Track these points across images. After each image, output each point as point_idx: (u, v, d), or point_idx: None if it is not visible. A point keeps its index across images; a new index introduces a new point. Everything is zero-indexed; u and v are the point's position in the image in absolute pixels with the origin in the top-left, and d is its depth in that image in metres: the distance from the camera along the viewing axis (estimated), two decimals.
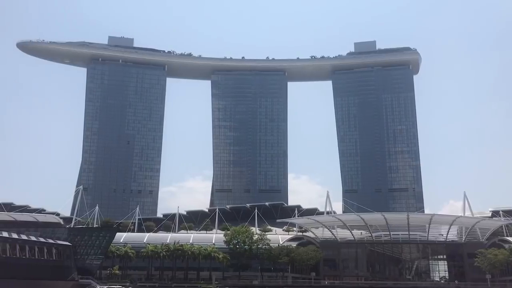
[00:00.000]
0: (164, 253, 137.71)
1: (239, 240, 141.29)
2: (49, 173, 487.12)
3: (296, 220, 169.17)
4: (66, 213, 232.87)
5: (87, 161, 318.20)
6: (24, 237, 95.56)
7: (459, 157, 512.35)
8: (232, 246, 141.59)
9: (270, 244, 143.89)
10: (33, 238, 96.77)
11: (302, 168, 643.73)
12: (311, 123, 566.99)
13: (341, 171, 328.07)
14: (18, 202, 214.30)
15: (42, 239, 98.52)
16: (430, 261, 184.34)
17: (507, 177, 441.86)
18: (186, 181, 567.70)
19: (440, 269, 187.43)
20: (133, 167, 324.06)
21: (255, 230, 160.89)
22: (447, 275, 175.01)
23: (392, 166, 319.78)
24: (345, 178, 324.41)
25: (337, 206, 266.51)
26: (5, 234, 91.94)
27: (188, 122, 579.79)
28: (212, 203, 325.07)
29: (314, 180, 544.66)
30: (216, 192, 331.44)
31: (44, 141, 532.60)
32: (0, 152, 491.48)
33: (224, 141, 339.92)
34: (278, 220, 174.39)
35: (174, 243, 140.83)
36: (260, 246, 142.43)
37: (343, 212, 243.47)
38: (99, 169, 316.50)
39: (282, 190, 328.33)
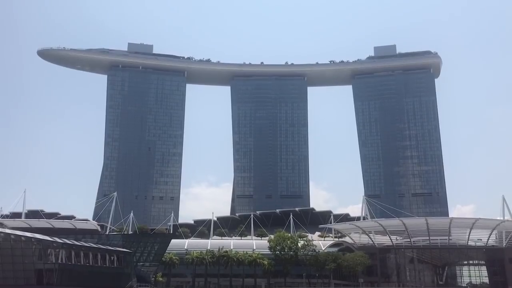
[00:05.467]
0: (209, 259, 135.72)
1: (283, 246, 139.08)
2: (71, 179, 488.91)
3: (337, 225, 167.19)
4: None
5: (108, 167, 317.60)
6: (86, 244, 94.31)
7: (476, 161, 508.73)
8: (277, 253, 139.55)
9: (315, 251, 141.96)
10: (95, 245, 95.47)
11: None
12: (332, 128, 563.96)
13: (363, 176, 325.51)
14: (48, 209, 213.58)
15: (102, 246, 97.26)
16: (470, 267, 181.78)
17: None
18: (192, 188, 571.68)
19: (478, 275, 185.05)
20: (155, 174, 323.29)
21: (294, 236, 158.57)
22: (487, 280, 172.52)
23: (415, 171, 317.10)
24: (367, 183, 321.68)
25: (354, 210, 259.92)
26: (66, 240, 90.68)
27: (207, 128, 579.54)
28: (233, 209, 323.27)
29: (320, 186, 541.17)
30: (237, 198, 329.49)
31: (66, 148, 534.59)
32: (21, 158, 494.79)
33: (244, 146, 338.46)
34: (320, 226, 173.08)
35: (219, 249, 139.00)
36: (305, 252, 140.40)
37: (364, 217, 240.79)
38: (120, 176, 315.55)
39: (303, 195, 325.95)
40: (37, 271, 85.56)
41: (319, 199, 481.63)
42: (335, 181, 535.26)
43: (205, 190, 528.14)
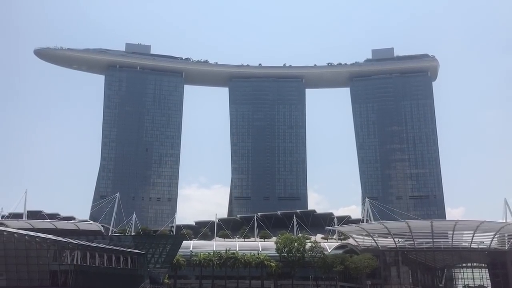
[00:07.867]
0: (216, 261, 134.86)
1: (291, 248, 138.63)
2: (67, 180, 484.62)
3: (343, 227, 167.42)
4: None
5: (105, 168, 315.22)
6: (100, 245, 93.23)
7: (469, 163, 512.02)
8: (285, 254, 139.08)
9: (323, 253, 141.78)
10: (109, 246, 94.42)
11: None
12: (329, 130, 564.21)
13: (360, 178, 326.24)
14: (46, 210, 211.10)
15: (116, 247, 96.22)
16: (472, 269, 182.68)
17: None
18: (182, 189, 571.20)
19: (479, 277, 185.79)
20: (152, 175, 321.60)
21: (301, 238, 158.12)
22: (488, 283, 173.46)
23: (413, 173, 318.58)
24: (365, 185, 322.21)
25: (345, 212, 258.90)
26: (81, 241, 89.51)
27: (205, 129, 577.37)
28: (230, 211, 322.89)
29: (311, 188, 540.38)
30: (234, 200, 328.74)
31: (62, 148, 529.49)
32: (17, 159, 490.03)
33: (242, 148, 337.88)
34: (327, 228, 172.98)
35: (226, 251, 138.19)
36: (313, 254, 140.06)
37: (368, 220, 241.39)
38: (117, 177, 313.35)
39: (301, 197, 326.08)
40: (52, 273, 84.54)
41: (311, 201, 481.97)
42: (328, 183, 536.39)
43: (196, 191, 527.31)
